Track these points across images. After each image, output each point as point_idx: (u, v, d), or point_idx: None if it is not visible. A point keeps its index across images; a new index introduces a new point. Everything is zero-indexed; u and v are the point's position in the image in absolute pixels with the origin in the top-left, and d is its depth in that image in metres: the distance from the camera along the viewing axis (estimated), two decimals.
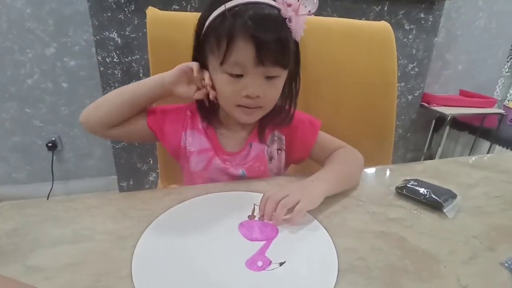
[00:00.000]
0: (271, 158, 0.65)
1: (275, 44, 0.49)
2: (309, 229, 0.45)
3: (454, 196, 0.54)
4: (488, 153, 2.15)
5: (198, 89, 0.58)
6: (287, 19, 0.50)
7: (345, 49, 0.95)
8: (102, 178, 1.85)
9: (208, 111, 0.62)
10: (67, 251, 0.39)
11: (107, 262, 0.37)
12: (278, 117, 0.62)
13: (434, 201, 0.52)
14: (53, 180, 1.78)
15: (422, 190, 0.54)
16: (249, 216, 0.47)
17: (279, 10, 0.50)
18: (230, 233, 0.43)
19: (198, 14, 0.81)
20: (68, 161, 1.79)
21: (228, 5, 0.50)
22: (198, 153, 0.62)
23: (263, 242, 0.42)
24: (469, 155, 2.27)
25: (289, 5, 0.49)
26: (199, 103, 0.62)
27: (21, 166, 1.74)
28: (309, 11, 0.50)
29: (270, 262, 0.38)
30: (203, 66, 0.57)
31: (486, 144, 2.19)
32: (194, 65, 0.55)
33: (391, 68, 1.02)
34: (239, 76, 0.52)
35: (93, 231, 0.43)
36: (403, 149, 2.28)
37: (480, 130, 2.17)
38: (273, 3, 0.51)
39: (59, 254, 0.38)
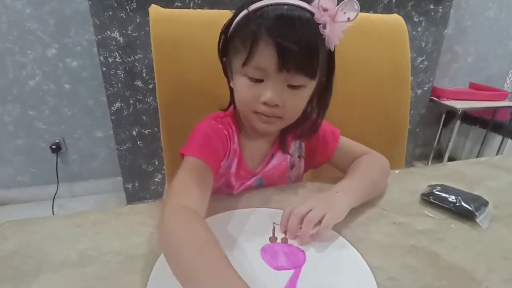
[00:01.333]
0: (292, 166, 0.62)
1: (301, 50, 0.44)
2: (338, 250, 0.41)
3: (485, 203, 0.50)
4: (500, 147, 2.10)
5: None
6: (320, 25, 0.45)
7: (357, 43, 0.92)
8: (108, 180, 1.83)
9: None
10: (73, 276, 0.36)
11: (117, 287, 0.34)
12: (300, 127, 0.57)
13: (465, 210, 0.48)
14: (58, 183, 1.76)
15: (450, 197, 0.50)
16: (270, 239, 0.43)
17: (312, 14, 0.45)
18: (253, 262, 0.39)
19: (201, 11, 0.78)
20: (72, 163, 1.77)
21: (254, 6, 0.46)
22: (223, 176, 0.58)
23: (290, 271, 0.37)
24: (480, 149, 2.22)
25: (325, 10, 0.44)
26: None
27: (25, 169, 1.72)
28: (348, 19, 0.45)
29: None
30: (227, 69, 0.54)
31: (497, 138, 2.14)
32: None
33: (404, 62, 0.98)
34: (259, 81, 0.48)
35: (99, 251, 0.39)
36: (411, 144, 2.23)
37: (492, 124, 2.12)
38: (306, 5, 0.46)
39: (64, 280, 0.35)
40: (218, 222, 0.46)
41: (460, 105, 1.96)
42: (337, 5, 0.44)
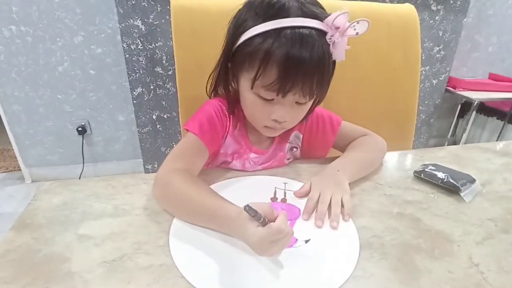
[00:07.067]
0: (288, 157, 0.66)
1: (312, 77, 0.47)
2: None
3: (472, 180, 0.55)
4: None
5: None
6: (330, 44, 0.47)
7: (368, 33, 0.94)
8: (129, 161, 1.95)
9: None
10: (110, 223, 0.44)
11: (145, 233, 0.42)
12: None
13: (451, 185, 0.53)
14: (83, 163, 1.89)
15: (440, 174, 0.55)
16: (271, 199, 0.50)
17: (325, 33, 0.46)
18: None
19: (221, 1, 0.83)
20: (96, 145, 1.89)
21: (271, 26, 0.45)
22: (231, 157, 0.61)
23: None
24: (496, 141, 2.19)
25: (337, 28, 0.45)
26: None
27: (54, 149, 1.86)
28: (357, 33, 0.47)
29: (296, 240, 0.41)
30: (232, 75, 0.55)
31: None
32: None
33: (415, 52, 1.00)
34: (270, 100, 0.50)
35: (131, 206, 0.47)
36: (425, 135, 2.23)
37: (510, 115, 2.08)
38: (320, 26, 0.46)
39: (104, 225, 0.43)
40: (228, 184, 0.54)
41: (476, 95, 1.94)
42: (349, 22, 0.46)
